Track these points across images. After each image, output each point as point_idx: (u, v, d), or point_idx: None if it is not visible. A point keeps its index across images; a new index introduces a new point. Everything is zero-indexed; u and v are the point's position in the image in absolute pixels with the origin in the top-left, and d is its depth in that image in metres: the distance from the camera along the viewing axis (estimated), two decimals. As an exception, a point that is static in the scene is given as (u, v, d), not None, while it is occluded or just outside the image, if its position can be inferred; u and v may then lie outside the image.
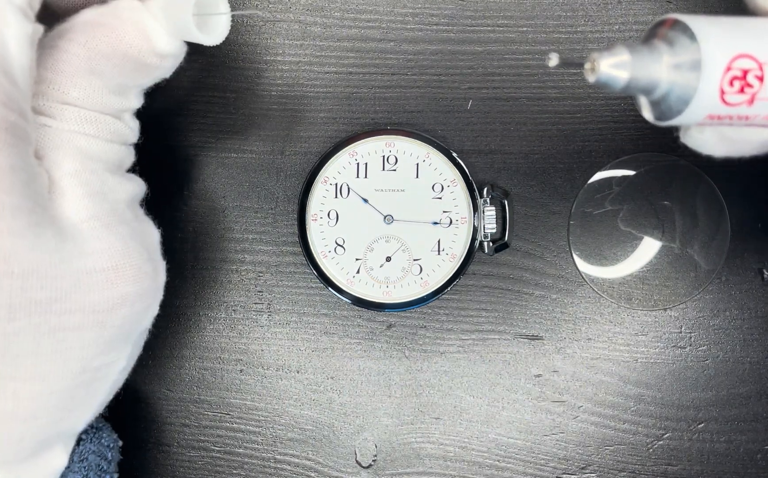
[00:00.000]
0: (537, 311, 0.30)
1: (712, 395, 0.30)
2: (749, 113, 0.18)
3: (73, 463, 0.24)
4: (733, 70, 0.17)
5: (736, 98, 0.17)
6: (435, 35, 0.30)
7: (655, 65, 0.17)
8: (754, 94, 0.17)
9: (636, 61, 0.17)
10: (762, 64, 0.17)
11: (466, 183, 0.29)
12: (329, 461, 0.31)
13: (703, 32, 0.17)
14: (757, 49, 0.17)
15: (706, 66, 0.17)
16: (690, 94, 0.17)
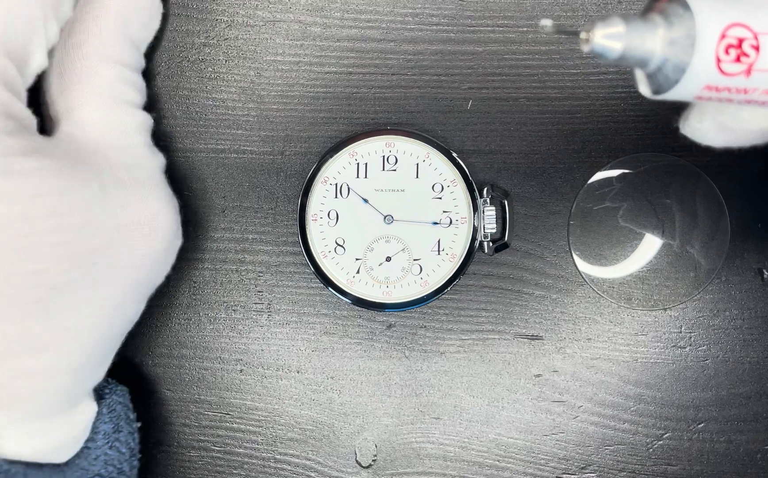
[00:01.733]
0: (537, 311, 0.30)
1: (712, 394, 0.30)
2: (747, 86, 0.18)
3: (103, 414, 0.26)
4: (728, 38, 0.17)
5: (732, 67, 0.17)
6: (435, 35, 0.30)
7: (649, 36, 0.17)
8: (750, 65, 0.17)
9: (631, 32, 0.17)
10: (757, 34, 0.17)
11: (466, 183, 0.29)
12: (329, 460, 0.31)
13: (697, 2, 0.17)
14: (751, 18, 0.17)
15: (700, 34, 0.17)
16: (686, 62, 0.17)
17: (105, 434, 0.26)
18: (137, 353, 0.31)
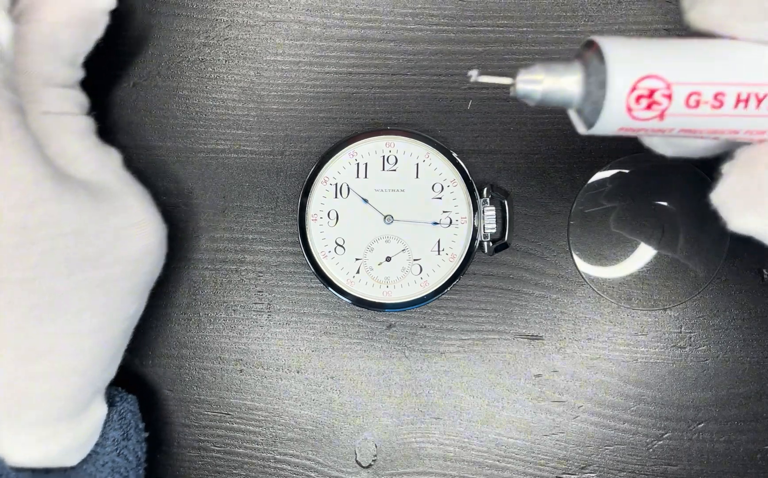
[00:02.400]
0: (537, 311, 0.30)
1: (712, 395, 0.30)
2: (663, 127, 0.19)
3: (113, 421, 0.26)
4: (639, 90, 0.18)
5: (644, 114, 0.19)
6: (435, 35, 0.30)
7: (567, 83, 0.19)
8: (663, 111, 0.19)
9: (550, 79, 0.19)
10: (670, 84, 0.18)
11: (466, 183, 0.29)
12: (329, 460, 0.31)
13: (611, 54, 0.18)
14: (665, 70, 0.18)
15: (610, 86, 0.18)
16: (599, 109, 0.19)
17: (114, 441, 0.26)
18: (137, 353, 0.31)
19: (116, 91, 0.30)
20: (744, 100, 0.19)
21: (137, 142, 0.30)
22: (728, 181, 0.21)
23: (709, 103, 0.19)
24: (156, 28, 0.30)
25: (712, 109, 0.19)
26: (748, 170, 0.20)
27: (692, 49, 0.19)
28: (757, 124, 0.20)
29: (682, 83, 0.19)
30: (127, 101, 0.30)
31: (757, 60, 0.19)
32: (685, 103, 0.19)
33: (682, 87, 0.19)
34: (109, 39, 0.31)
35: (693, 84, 0.19)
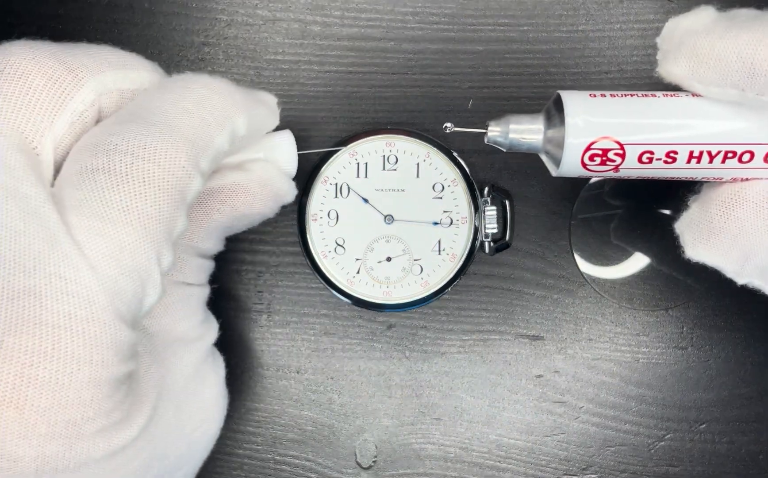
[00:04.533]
0: (538, 312, 0.30)
1: (714, 395, 0.30)
2: (619, 176, 0.21)
3: None
4: (592, 150, 0.20)
5: (598, 168, 0.21)
6: (435, 34, 0.30)
7: (531, 134, 0.21)
8: (617, 166, 0.21)
9: (515, 130, 0.21)
10: (623, 144, 0.20)
11: (467, 183, 0.29)
12: (329, 461, 0.31)
13: (569, 113, 0.20)
14: (619, 133, 0.20)
15: (566, 147, 0.20)
16: (558, 161, 0.21)
17: None
18: (136, 353, 0.31)
19: (115, 91, 0.30)
20: (696, 157, 0.20)
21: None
22: (687, 214, 0.22)
23: (662, 160, 0.21)
24: (155, 27, 0.30)
25: (665, 164, 0.21)
26: (704, 207, 0.22)
27: (648, 109, 0.20)
28: (711, 174, 0.21)
29: (634, 144, 0.20)
30: (126, 101, 0.30)
31: (714, 120, 0.20)
32: (638, 160, 0.20)
33: (634, 147, 0.20)
34: (109, 39, 0.31)
35: (645, 145, 0.20)
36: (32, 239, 0.17)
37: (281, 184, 0.23)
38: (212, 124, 0.20)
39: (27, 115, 0.18)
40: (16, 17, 0.30)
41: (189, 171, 0.19)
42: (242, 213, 0.23)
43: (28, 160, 0.18)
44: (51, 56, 0.19)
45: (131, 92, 0.20)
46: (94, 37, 0.30)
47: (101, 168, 0.17)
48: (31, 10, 0.30)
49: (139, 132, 0.18)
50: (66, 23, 0.30)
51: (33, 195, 0.17)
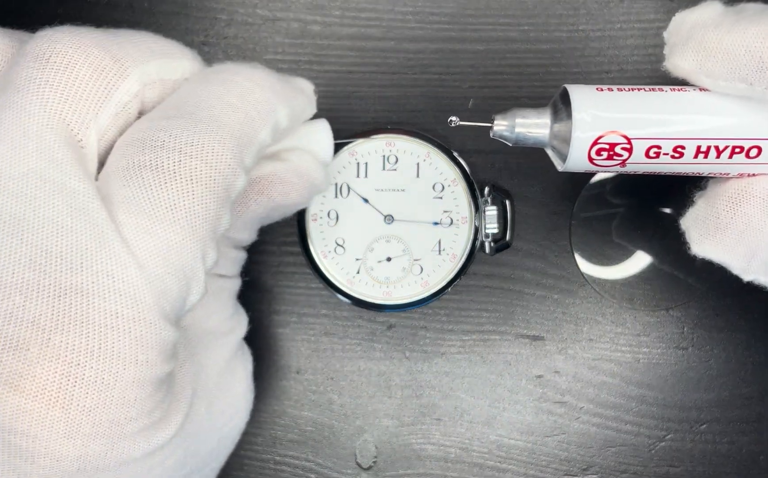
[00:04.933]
0: (538, 312, 0.30)
1: (715, 396, 0.30)
2: (626, 171, 0.21)
3: None
4: (600, 144, 0.20)
5: (605, 163, 0.21)
6: (436, 34, 0.30)
7: (537, 128, 0.21)
8: (624, 161, 0.20)
9: (521, 124, 0.21)
10: (631, 139, 0.20)
11: (467, 183, 0.29)
12: (329, 462, 0.31)
13: (578, 111, 0.20)
14: (626, 127, 0.20)
15: (573, 141, 0.20)
16: (565, 155, 0.20)
17: None
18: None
19: (115, 90, 0.30)
20: (704, 152, 0.20)
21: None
22: (693, 210, 0.22)
23: (669, 155, 0.20)
24: (155, 26, 0.30)
25: (672, 159, 0.20)
26: (711, 202, 0.21)
27: (656, 103, 0.20)
28: (718, 169, 0.21)
29: (641, 139, 0.20)
30: (126, 100, 0.30)
31: (722, 114, 0.20)
32: (645, 155, 0.20)
33: (641, 142, 0.20)
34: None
35: (653, 139, 0.20)
36: (80, 236, 0.17)
37: (317, 173, 0.23)
38: (256, 119, 0.19)
39: (73, 106, 0.18)
40: (15, 17, 0.30)
41: (234, 168, 0.18)
42: (279, 203, 0.23)
43: (74, 154, 0.17)
44: (97, 45, 0.18)
45: (173, 82, 0.20)
46: (94, 36, 0.30)
47: (149, 165, 0.17)
48: (31, 9, 0.30)
49: (186, 128, 0.18)
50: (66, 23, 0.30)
51: (81, 190, 0.17)
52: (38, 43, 0.18)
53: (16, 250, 0.16)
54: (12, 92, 0.17)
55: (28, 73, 0.18)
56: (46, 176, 0.17)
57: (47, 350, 0.16)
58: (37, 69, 0.18)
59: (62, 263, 0.16)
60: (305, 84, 0.23)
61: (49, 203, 0.17)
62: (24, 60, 0.18)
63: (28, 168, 0.17)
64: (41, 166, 0.17)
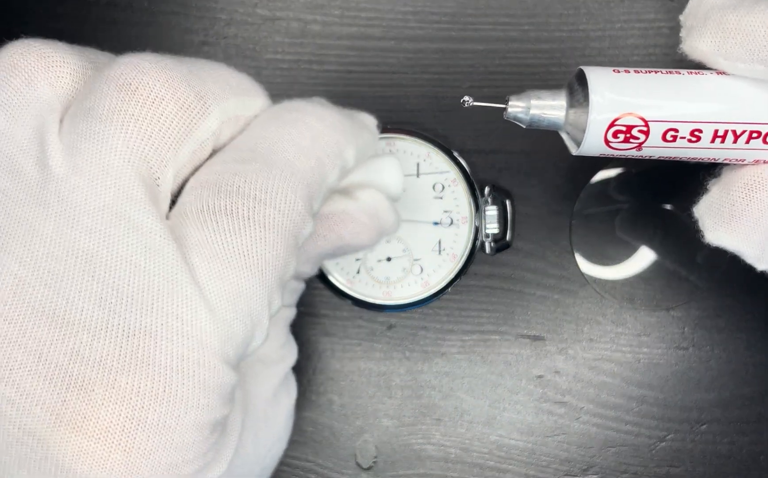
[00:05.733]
0: (539, 312, 0.30)
1: (716, 396, 0.30)
2: (641, 155, 0.21)
3: None
4: (616, 126, 0.20)
5: (622, 146, 0.20)
6: (436, 33, 0.30)
7: (553, 111, 0.20)
8: (640, 144, 0.20)
9: (537, 106, 0.20)
10: (648, 121, 0.20)
11: (467, 183, 0.29)
12: (329, 462, 0.31)
13: (593, 90, 0.19)
14: (643, 108, 0.20)
15: (590, 122, 0.20)
16: (581, 138, 0.20)
17: None
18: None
19: (114, 90, 0.30)
20: (721, 136, 0.20)
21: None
22: (708, 197, 0.22)
23: (686, 139, 0.20)
24: (154, 26, 0.30)
25: (689, 143, 0.20)
26: (726, 190, 0.21)
27: (673, 86, 0.20)
28: (735, 155, 0.21)
29: (658, 121, 0.20)
30: (126, 100, 0.30)
31: (739, 98, 0.20)
32: (662, 138, 0.20)
33: (659, 124, 0.20)
34: (108, 38, 0.31)
35: (670, 122, 0.20)
36: (152, 276, 0.16)
37: (389, 215, 0.23)
38: (326, 162, 0.19)
39: (155, 144, 0.17)
40: (15, 16, 0.30)
41: (304, 215, 0.18)
42: (347, 242, 0.22)
43: (150, 192, 0.17)
44: (182, 80, 0.18)
45: (245, 119, 0.20)
46: (94, 36, 0.30)
47: (224, 210, 0.17)
48: (31, 9, 0.30)
49: (261, 173, 0.18)
50: (65, 23, 0.30)
51: (156, 230, 0.17)
52: (124, 71, 0.17)
53: (86, 287, 0.16)
54: (94, 121, 0.17)
55: (112, 104, 0.17)
56: (122, 213, 0.16)
57: (113, 392, 0.16)
58: (122, 100, 0.17)
59: (133, 302, 0.16)
60: (369, 119, 0.23)
61: (124, 241, 0.16)
62: (108, 87, 0.17)
63: (104, 203, 0.16)
64: (118, 203, 0.17)
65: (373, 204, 0.22)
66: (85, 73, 0.18)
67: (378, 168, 0.23)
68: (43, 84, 0.18)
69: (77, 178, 0.16)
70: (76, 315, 0.16)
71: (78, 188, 0.16)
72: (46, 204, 0.16)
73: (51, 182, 0.17)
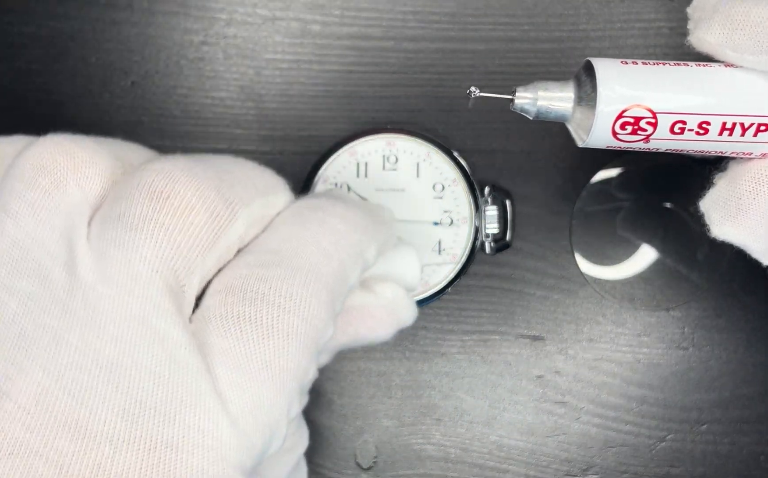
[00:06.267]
0: (539, 312, 0.30)
1: (716, 396, 0.30)
2: (649, 148, 0.20)
3: None
4: (624, 118, 0.20)
5: (629, 138, 0.20)
6: (436, 33, 0.30)
7: (560, 102, 0.20)
8: (648, 136, 0.20)
9: (544, 98, 0.20)
10: (656, 113, 0.19)
11: (468, 183, 0.29)
12: (329, 462, 0.31)
13: (601, 81, 0.19)
14: (651, 100, 0.19)
15: (598, 113, 0.19)
16: (588, 130, 0.20)
17: None
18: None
19: (114, 90, 0.30)
20: (729, 129, 0.20)
21: (135, 142, 0.30)
22: (714, 191, 0.22)
23: (694, 131, 0.20)
24: (154, 26, 0.30)
25: (696, 136, 0.20)
26: (733, 183, 0.21)
27: (682, 77, 0.20)
28: (742, 148, 0.20)
29: (666, 113, 0.20)
30: (125, 100, 0.30)
31: (747, 90, 0.20)
32: (670, 130, 0.20)
33: (667, 116, 0.20)
34: (108, 38, 0.31)
35: (678, 114, 0.20)
36: (176, 387, 0.16)
37: (407, 310, 0.23)
38: (348, 264, 0.19)
39: (184, 253, 0.17)
40: (15, 16, 0.30)
41: (326, 321, 0.18)
42: (363, 336, 0.22)
43: (176, 300, 0.17)
44: (212, 188, 0.18)
45: (270, 217, 0.20)
46: (94, 36, 0.30)
47: (248, 318, 0.17)
48: (31, 9, 0.30)
49: (285, 279, 0.18)
50: (65, 23, 0.30)
51: (181, 341, 0.17)
52: (156, 179, 0.17)
53: (110, 398, 0.16)
54: (124, 229, 0.17)
55: (142, 212, 0.17)
56: (148, 323, 0.16)
57: None
58: (152, 209, 0.17)
59: (156, 415, 0.16)
60: (388, 214, 0.23)
61: (149, 352, 0.16)
62: (139, 195, 0.17)
63: (131, 313, 0.16)
64: (145, 313, 0.16)
65: (393, 299, 0.22)
66: (114, 173, 0.18)
67: (396, 259, 0.23)
68: (72, 186, 0.17)
69: (105, 286, 0.16)
70: (99, 427, 0.16)
71: (106, 297, 0.16)
72: (72, 312, 0.16)
73: (78, 289, 0.16)
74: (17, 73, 0.30)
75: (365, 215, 0.21)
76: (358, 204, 0.21)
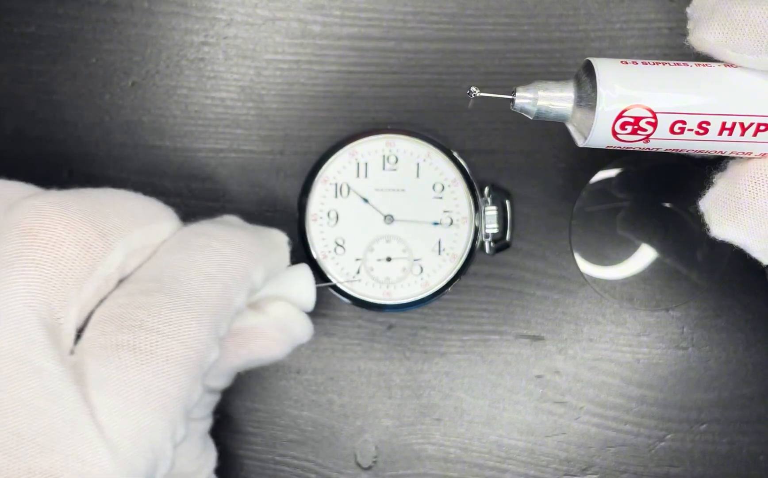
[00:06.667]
0: (538, 312, 0.30)
1: (715, 396, 0.30)
2: (649, 148, 0.20)
3: None
4: (624, 118, 0.20)
5: (629, 137, 0.20)
6: (436, 34, 0.30)
7: (560, 102, 0.20)
8: (648, 136, 0.20)
9: (544, 98, 0.20)
10: (656, 112, 0.20)
11: (467, 183, 0.29)
12: (329, 462, 0.31)
13: (601, 81, 0.19)
14: (651, 100, 0.20)
15: (598, 113, 0.19)
16: (588, 130, 0.20)
17: None
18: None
19: (114, 91, 0.30)
20: (729, 129, 0.20)
21: (135, 142, 0.30)
22: (713, 191, 0.22)
23: (694, 131, 0.20)
24: (155, 26, 0.30)
25: (696, 135, 0.20)
26: (732, 183, 0.21)
27: (681, 77, 0.20)
28: (742, 148, 0.21)
29: (666, 113, 0.20)
30: (126, 100, 0.30)
31: (747, 90, 0.20)
32: (670, 130, 0.20)
33: (666, 116, 0.20)
34: (108, 38, 0.31)
35: (678, 114, 0.20)
36: (53, 419, 0.16)
37: (300, 327, 0.23)
38: (233, 287, 0.20)
39: (57, 286, 0.17)
40: (15, 16, 0.30)
41: (209, 344, 0.19)
42: (259, 356, 0.23)
43: (51, 334, 0.17)
44: (84, 220, 0.18)
45: (153, 246, 0.20)
46: (94, 37, 0.30)
47: (126, 345, 0.17)
48: (31, 9, 0.30)
49: (165, 305, 0.18)
50: (65, 23, 0.30)
51: (56, 373, 0.17)
52: (25, 215, 0.18)
53: None
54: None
55: (14, 249, 0.17)
56: (22, 358, 0.17)
57: None
58: (23, 245, 0.17)
59: (34, 446, 0.16)
60: (280, 237, 0.23)
61: (24, 386, 0.16)
62: (11, 234, 0.18)
63: (5, 349, 0.17)
64: (18, 348, 0.17)
65: (283, 317, 0.23)
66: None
67: (289, 280, 0.23)
68: None
69: None
70: None
71: None
72: None
73: None
74: (18, 74, 0.30)
75: (253, 240, 0.21)
76: (246, 228, 0.21)
